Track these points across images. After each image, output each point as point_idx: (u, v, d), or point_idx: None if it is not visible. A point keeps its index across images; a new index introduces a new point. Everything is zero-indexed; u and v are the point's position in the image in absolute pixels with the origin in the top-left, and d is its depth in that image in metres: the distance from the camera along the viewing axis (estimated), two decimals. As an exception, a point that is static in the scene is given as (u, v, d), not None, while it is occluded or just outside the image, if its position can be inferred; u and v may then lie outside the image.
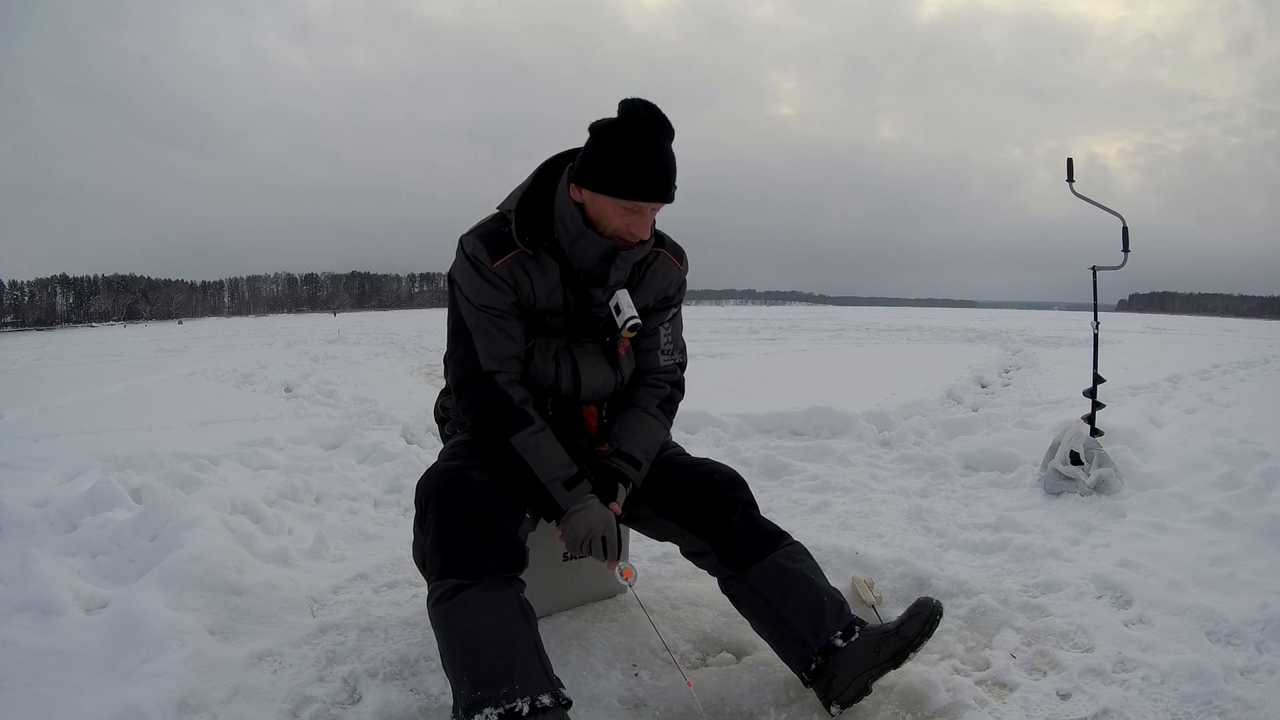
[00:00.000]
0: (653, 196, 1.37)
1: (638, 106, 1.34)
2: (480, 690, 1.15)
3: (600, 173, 1.35)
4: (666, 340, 1.60)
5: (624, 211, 1.37)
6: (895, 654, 1.28)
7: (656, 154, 1.34)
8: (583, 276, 1.46)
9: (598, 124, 1.37)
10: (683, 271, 1.59)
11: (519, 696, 1.14)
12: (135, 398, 6.13)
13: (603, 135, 1.36)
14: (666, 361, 1.60)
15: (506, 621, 1.21)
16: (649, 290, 1.55)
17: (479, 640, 1.19)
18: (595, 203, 1.38)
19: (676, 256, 1.58)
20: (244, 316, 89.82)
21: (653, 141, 1.34)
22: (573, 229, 1.41)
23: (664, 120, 1.35)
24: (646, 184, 1.35)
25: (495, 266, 1.41)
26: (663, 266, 1.55)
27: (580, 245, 1.42)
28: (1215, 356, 9.11)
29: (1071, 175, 2.74)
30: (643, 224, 1.40)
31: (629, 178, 1.34)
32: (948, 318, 31.22)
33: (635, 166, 1.34)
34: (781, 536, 1.44)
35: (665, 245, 1.56)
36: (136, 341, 19.02)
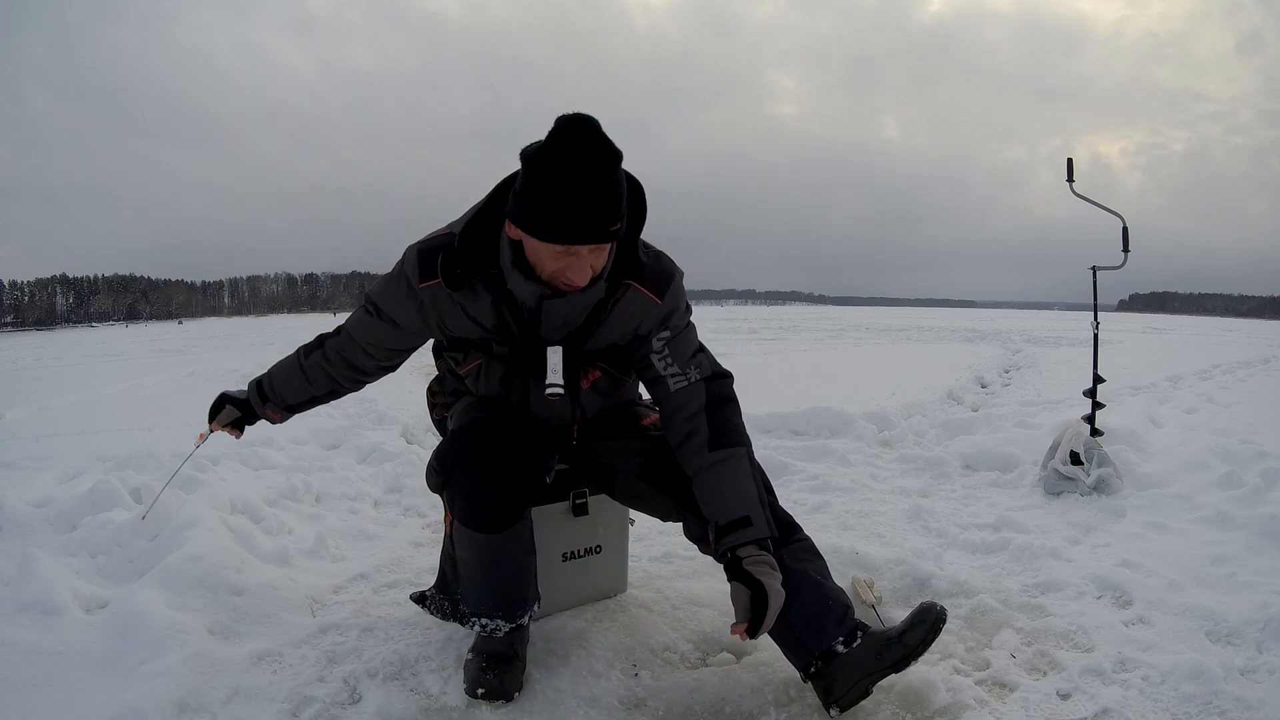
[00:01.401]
0: (584, 238, 1.17)
1: (570, 127, 1.13)
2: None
3: (527, 211, 1.18)
4: (667, 366, 1.39)
5: (557, 255, 1.21)
6: (897, 661, 1.27)
7: (589, 189, 1.13)
8: (526, 314, 1.33)
9: (527, 150, 1.18)
10: (664, 305, 1.37)
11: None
12: (135, 398, 6.13)
13: (530, 167, 1.17)
14: (680, 384, 1.38)
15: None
16: (615, 328, 1.38)
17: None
18: (529, 244, 1.23)
19: (655, 288, 1.36)
20: (244, 316, 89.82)
21: (585, 172, 1.13)
22: (506, 267, 1.29)
23: (601, 143, 1.14)
24: (576, 225, 1.16)
25: (420, 288, 1.36)
26: (633, 302, 1.35)
27: (513, 285, 1.29)
28: (1215, 356, 9.11)
29: (1071, 175, 2.74)
30: (580, 267, 1.22)
31: (556, 217, 1.15)
32: (948, 318, 31.21)
33: (563, 204, 1.14)
34: (793, 529, 1.41)
35: (643, 275, 1.35)
36: (136, 341, 19.01)
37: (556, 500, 1.66)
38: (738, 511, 1.29)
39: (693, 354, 1.41)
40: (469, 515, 1.36)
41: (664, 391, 1.39)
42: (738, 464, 1.33)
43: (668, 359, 1.39)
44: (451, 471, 1.35)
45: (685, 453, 1.37)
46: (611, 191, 1.16)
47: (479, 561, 1.39)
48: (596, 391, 1.46)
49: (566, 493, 1.66)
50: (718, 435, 1.34)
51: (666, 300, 1.38)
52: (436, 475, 1.38)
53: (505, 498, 1.34)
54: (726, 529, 1.29)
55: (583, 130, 1.13)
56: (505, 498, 1.34)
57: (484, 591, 1.41)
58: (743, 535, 1.27)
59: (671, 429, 1.39)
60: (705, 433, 1.34)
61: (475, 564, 1.40)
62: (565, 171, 1.13)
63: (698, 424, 1.35)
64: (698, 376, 1.39)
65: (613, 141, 1.16)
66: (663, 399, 1.40)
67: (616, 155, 1.16)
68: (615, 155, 1.16)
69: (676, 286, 1.40)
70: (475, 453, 1.34)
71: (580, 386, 1.42)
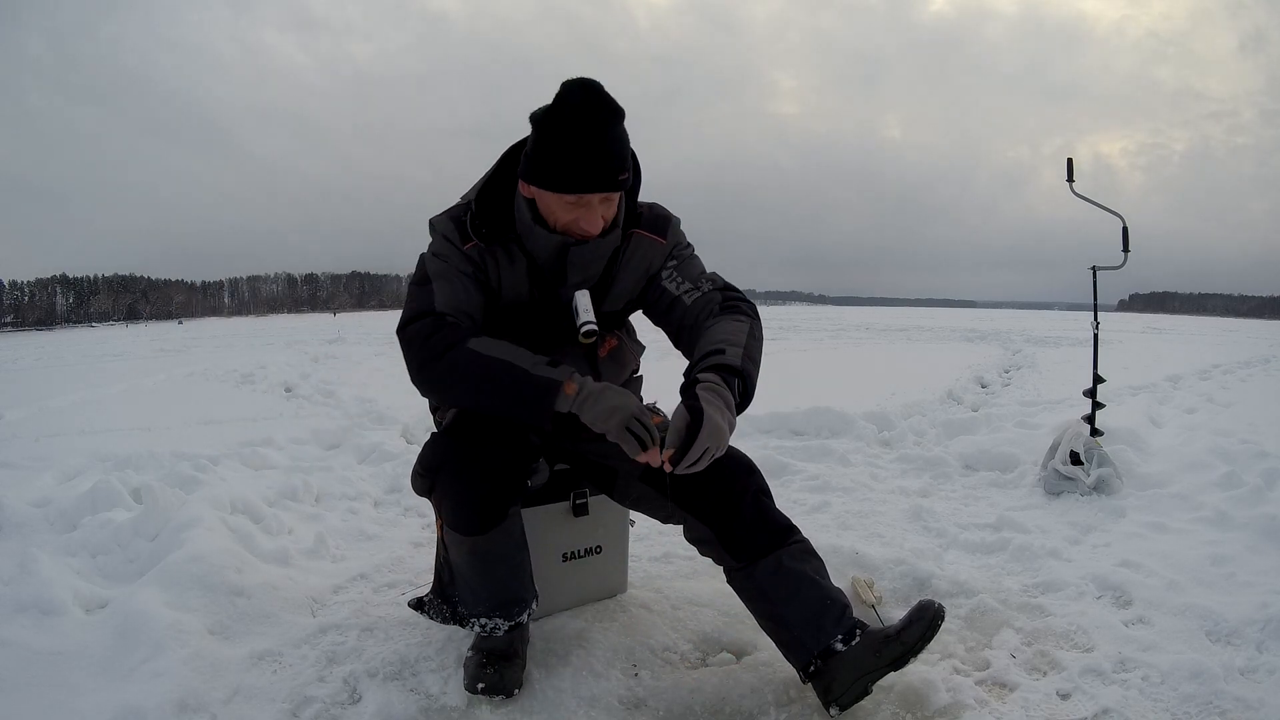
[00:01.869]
0: (594, 186, 1.25)
1: (574, 89, 1.22)
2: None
3: (538, 166, 1.26)
4: (679, 285, 1.42)
5: (569, 206, 1.28)
6: (896, 659, 1.27)
7: (595, 140, 1.22)
8: (546, 274, 1.39)
9: (536, 113, 1.27)
10: (667, 244, 1.45)
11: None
12: (135, 398, 6.13)
13: (539, 125, 1.26)
14: (694, 296, 1.40)
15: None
16: (629, 276, 1.44)
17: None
18: (542, 199, 1.30)
19: (657, 231, 1.45)
20: (244, 316, 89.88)
21: (591, 125, 1.22)
22: (523, 226, 1.34)
23: (603, 100, 1.22)
24: (585, 174, 1.24)
25: (465, 249, 1.37)
26: (640, 247, 1.44)
27: (532, 242, 1.35)
28: (1215, 356, 9.12)
29: (1071, 175, 2.74)
30: (591, 217, 1.29)
31: (566, 169, 1.23)
32: (948, 318, 31.23)
33: (572, 156, 1.22)
34: (791, 531, 1.41)
35: (642, 223, 1.43)
36: (136, 342, 19.02)
37: (556, 500, 1.66)
38: (716, 345, 1.28)
39: (701, 273, 1.46)
40: (455, 518, 1.36)
41: (681, 309, 1.41)
42: (738, 320, 1.35)
43: (678, 280, 1.43)
44: (435, 475, 1.35)
45: (696, 330, 1.37)
46: (617, 143, 1.24)
47: (471, 563, 1.40)
48: (613, 360, 1.50)
49: (566, 493, 1.66)
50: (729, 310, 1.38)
51: (669, 237, 1.46)
52: (422, 480, 1.38)
53: (488, 498, 1.34)
54: (699, 359, 1.27)
55: (586, 89, 1.22)
56: (488, 498, 1.34)
57: (479, 592, 1.41)
58: (708, 361, 1.26)
59: (687, 335, 1.40)
60: (719, 308, 1.38)
61: (467, 566, 1.40)
62: (573, 125, 1.22)
63: (712, 309, 1.38)
64: (710, 288, 1.42)
65: (614, 98, 1.23)
66: (681, 315, 1.41)
67: (619, 110, 1.24)
68: (618, 110, 1.24)
69: (675, 225, 1.48)
70: (456, 455, 1.33)
71: (599, 355, 1.45)
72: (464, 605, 1.44)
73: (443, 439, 1.37)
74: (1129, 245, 2.71)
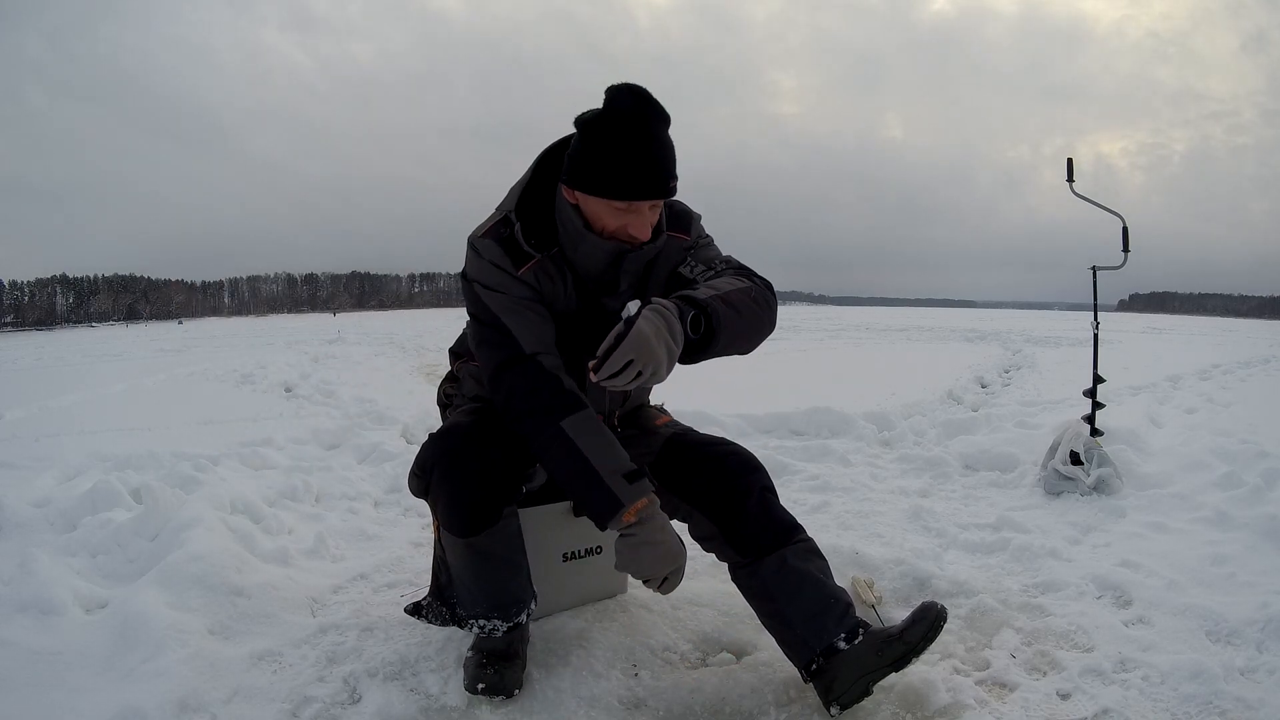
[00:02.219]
0: (647, 194, 1.25)
1: (623, 94, 1.22)
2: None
3: (588, 172, 1.24)
4: (693, 269, 1.40)
5: (618, 212, 1.26)
6: (898, 659, 1.27)
7: (647, 146, 1.22)
8: (591, 284, 1.36)
9: (583, 117, 1.25)
10: (690, 239, 1.44)
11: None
12: (135, 398, 6.13)
13: (587, 130, 1.24)
14: (709, 277, 1.38)
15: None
16: (661, 275, 1.43)
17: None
18: (589, 205, 1.28)
19: (681, 228, 1.44)
20: (244, 316, 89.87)
21: (642, 132, 1.22)
22: (574, 234, 1.31)
23: (654, 106, 1.22)
24: (638, 181, 1.23)
25: (520, 274, 1.32)
26: (670, 247, 1.42)
27: (584, 251, 1.32)
28: (1215, 356, 9.12)
29: (1071, 175, 2.74)
30: (641, 223, 1.28)
31: (618, 176, 1.22)
32: (948, 318, 31.23)
33: (624, 162, 1.21)
34: (795, 530, 1.41)
35: (669, 224, 1.42)
36: (136, 341, 19.02)
37: (557, 500, 1.65)
38: (694, 289, 1.28)
39: (717, 256, 1.46)
40: (449, 519, 1.36)
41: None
42: (737, 279, 1.34)
43: (693, 265, 1.43)
44: (430, 476, 1.35)
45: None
46: (668, 149, 1.25)
47: (467, 564, 1.39)
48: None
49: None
50: (740, 273, 1.38)
51: (692, 233, 1.46)
52: (418, 480, 1.38)
53: (482, 499, 1.33)
54: (682, 297, 1.25)
55: (637, 95, 1.22)
56: (482, 499, 1.33)
57: (477, 593, 1.41)
58: (676, 294, 1.25)
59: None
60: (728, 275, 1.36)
61: (464, 567, 1.40)
62: (625, 132, 1.21)
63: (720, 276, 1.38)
64: (723, 267, 1.42)
65: (662, 105, 1.24)
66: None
67: (668, 118, 1.25)
68: (667, 117, 1.25)
69: (696, 221, 1.48)
70: (450, 456, 1.34)
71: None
72: (462, 606, 1.44)
73: (437, 440, 1.37)
74: (1129, 245, 2.71)
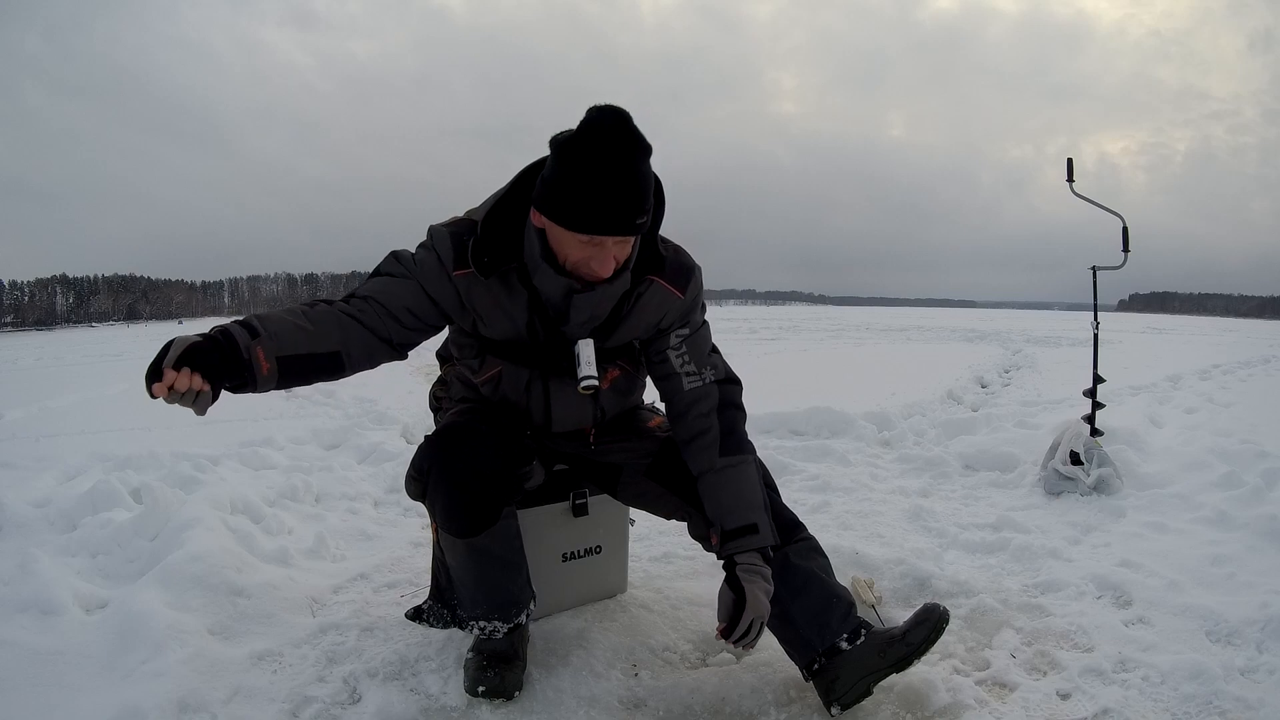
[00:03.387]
0: (610, 229, 1.16)
1: (603, 116, 1.13)
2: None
3: (554, 198, 1.17)
4: (684, 364, 1.39)
5: (581, 244, 1.19)
6: (899, 660, 1.27)
7: (619, 178, 1.13)
8: (550, 311, 1.31)
9: (558, 138, 1.18)
10: (685, 300, 1.37)
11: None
12: (135, 398, 6.13)
13: (560, 154, 1.16)
14: (694, 384, 1.38)
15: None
16: (639, 323, 1.37)
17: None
18: (554, 232, 1.21)
19: (678, 283, 1.35)
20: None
21: (616, 162, 1.13)
22: (532, 258, 1.26)
23: (633, 135, 1.13)
24: (603, 214, 1.14)
25: (455, 275, 1.29)
26: (656, 296, 1.35)
27: (539, 279, 1.27)
28: (1215, 356, 9.11)
29: (1071, 175, 2.74)
30: (604, 258, 1.20)
31: (584, 207, 1.14)
32: (948, 318, 31.23)
33: (592, 193, 1.13)
34: (798, 528, 1.41)
35: (664, 270, 1.34)
36: (137, 342, 19.02)
37: (556, 500, 1.66)
38: (746, 519, 1.31)
39: (708, 353, 1.43)
40: (446, 520, 1.35)
41: (676, 387, 1.40)
42: (746, 470, 1.35)
43: (685, 356, 1.39)
44: (427, 478, 1.34)
45: (694, 450, 1.38)
46: (640, 184, 1.16)
47: (466, 565, 1.39)
48: (615, 391, 1.46)
49: (566, 493, 1.66)
50: (727, 438, 1.36)
51: (688, 294, 1.38)
52: (415, 483, 1.37)
53: (479, 500, 1.33)
54: (732, 534, 1.31)
55: (615, 121, 1.13)
56: (479, 500, 1.33)
57: (476, 595, 1.41)
58: (747, 543, 1.30)
59: (682, 425, 1.40)
60: (716, 434, 1.36)
61: (462, 568, 1.40)
62: (596, 160, 1.13)
63: (709, 424, 1.37)
64: (712, 378, 1.40)
65: (643, 135, 1.15)
66: (674, 394, 1.41)
67: (647, 148, 1.16)
68: (646, 148, 1.16)
69: (697, 280, 1.40)
70: (447, 458, 1.33)
71: (600, 387, 1.38)
72: (462, 608, 1.44)
73: (433, 442, 1.36)
74: (1129, 245, 2.71)
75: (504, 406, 1.44)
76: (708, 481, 1.35)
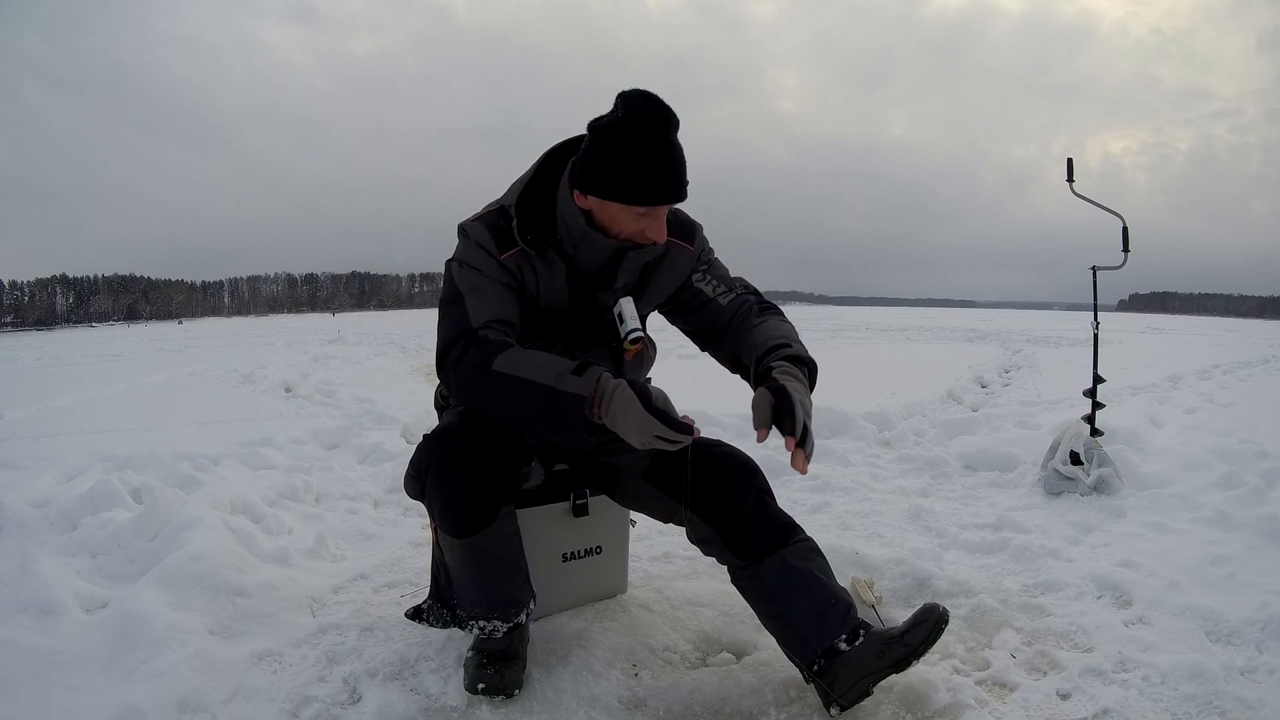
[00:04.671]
0: (667, 199, 1.29)
1: (641, 101, 1.24)
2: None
3: (608, 179, 1.27)
4: (714, 287, 1.48)
5: (637, 217, 1.30)
6: (899, 661, 1.27)
7: (667, 153, 1.26)
8: (588, 280, 1.40)
9: (598, 123, 1.28)
10: (695, 248, 1.49)
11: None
12: (135, 398, 6.14)
13: (605, 136, 1.27)
14: (730, 298, 1.47)
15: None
16: (664, 285, 1.48)
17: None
18: (607, 210, 1.30)
19: (685, 238, 1.48)
20: (244, 316, 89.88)
21: (661, 139, 1.25)
22: (576, 233, 1.35)
23: (669, 113, 1.26)
24: (660, 187, 1.27)
25: (503, 258, 1.35)
26: (673, 255, 1.47)
27: (585, 248, 1.36)
28: (1215, 356, 9.12)
29: (1071, 175, 2.74)
30: (658, 227, 1.33)
31: (640, 183, 1.26)
32: (948, 318, 31.24)
33: (646, 170, 1.25)
34: (794, 530, 1.41)
35: (672, 230, 1.44)
36: (137, 341, 19.03)
37: (557, 500, 1.66)
38: (780, 339, 1.37)
39: (728, 275, 1.53)
40: (444, 520, 1.36)
41: (715, 309, 1.48)
42: (784, 323, 1.43)
43: (712, 282, 1.49)
44: (425, 477, 1.35)
45: (737, 326, 1.44)
46: (682, 154, 1.29)
47: (464, 565, 1.39)
48: (638, 362, 1.52)
49: (566, 493, 1.66)
50: (766, 310, 1.46)
51: (695, 244, 1.50)
52: (413, 483, 1.38)
53: (476, 499, 1.33)
54: (766, 354, 1.34)
55: (654, 102, 1.24)
56: (476, 499, 1.33)
57: (475, 594, 1.41)
58: (779, 353, 1.33)
59: (729, 334, 1.45)
60: (757, 310, 1.46)
61: (461, 567, 1.40)
62: (646, 139, 1.24)
63: (750, 310, 1.46)
64: (743, 291, 1.50)
65: (672, 109, 1.27)
66: (715, 315, 1.48)
67: (678, 121, 1.28)
68: (678, 121, 1.28)
69: (700, 233, 1.52)
70: (445, 457, 1.33)
71: (625, 359, 1.47)
72: (462, 607, 1.44)
73: (431, 441, 1.37)
74: (1129, 245, 2.71)
75: None
76: (750, 333, 1.40)
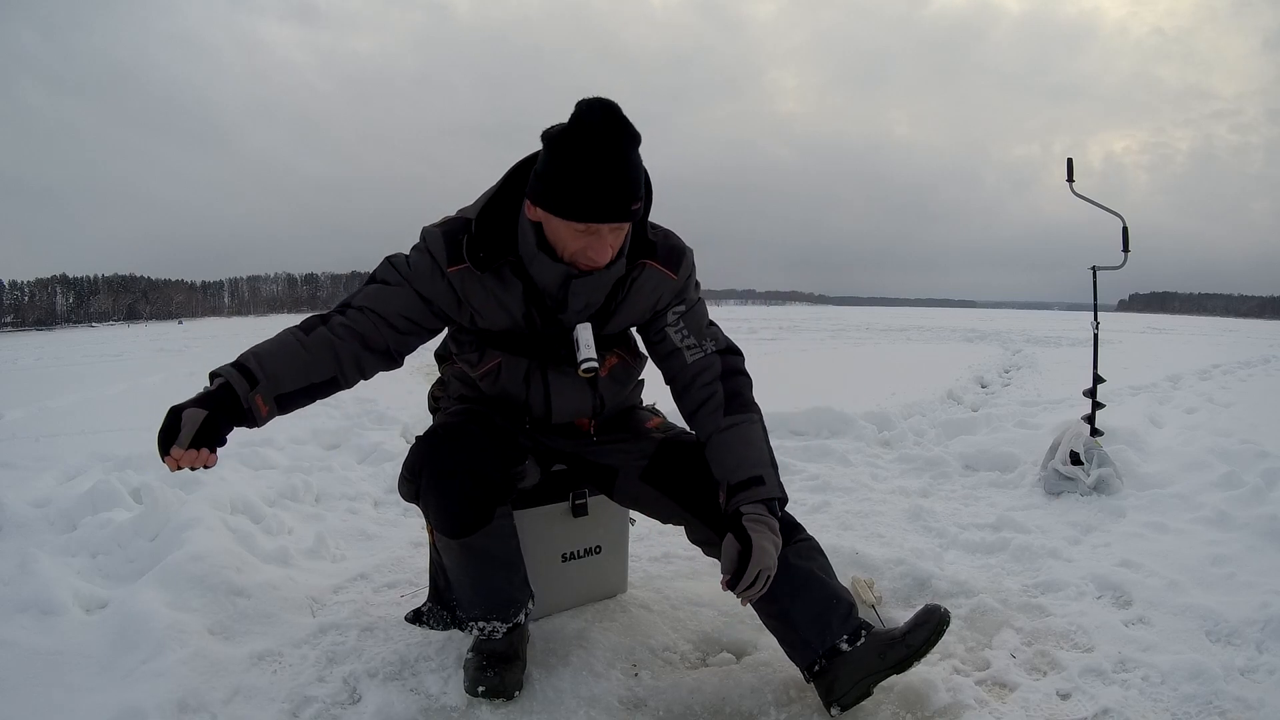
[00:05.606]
0: (606, 216, 1.19)
1: (594, 109, 1.16)
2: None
3: (549, 190, 1.19)
4: (684, 338, 1.42)
5: (578, 234, 1.22)
6: (900, 661, 1.27)
7: (611, 167, 1.16)
8: (548, 300, 1.34)
9: (550, 132, 1.20)
10: (679, 280, 1.41)
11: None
12: (135, 398, 6.13)
13: (553, 146, 1.19)
14: (696, 356, 1.42)
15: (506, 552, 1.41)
16: (635, 307, 1.40)
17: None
18: (550, 224, 1.24)
19: (670, 264, 1.39)
20: (244, 316, 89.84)
21: (607, 151, 1.16)
22: (528, 250, 1.29)
23: (623, 125, 1.17)
24: (598, 202, 1.18)
25: (449, 271, 1.32)
26: (650, 280, 1.39)
27: (536, 269, 1.30)
28: (1215, 356, 9.12)
29: (1071, 175, 2.74)
30: (600, 246, 1.24)
31: (580, 196, 1.17)
32: (948, 318, 31.24)
33: (586, 182, 1.16)
34: (796, 529, 1.41)
35: (656, 254, 1.38)
36: (137, 341, 19.02)
37: (556, 501, 1.66)
38: (751, 471, 1.32)
39: (706, 326, 1.46)
40: (440, 521, 1.36)
41: (680, 363, 1.43)
42: (752, 428, 1.37)
43: (683, 331, 1.43)
44: (419, 479, 1.35)
45: (701, 417, 1.40)
46: (633, 171, 1.19)
47: (462, 566, 1.39)
48: (614, 380, 1.48)
49: (566, 493, 1.66)
50: (732, 400, 1.39)
51: (680, 274, 1.42)
52: (408, 485, 1.38)
53: (471, 500, 1.33)
54: (739, 487, 1.31)
55: (605, 112, 1.16)
56: (471, 500, 1.33)
57: (473, 595, 1.41)
58: (753, 494, 1.30)
59: (688, 398, 1.42)
60: (721, 398, 1.39)
61: (458, 568, 1.40)
62: (588, 151, 1.16)
63: (714, 390, 1.40)
64: (713, 349, 1.44)
65: (632, 123, 1.19)
66: (678, 370, 1.43)
67: (636, 136, 1.19)
68: (635, 136, 1.19)
69: (688, 261, 1.44)
70: (439, 458, 1.33)
71: (599, 374, 1.42)
72: (461, 609, 1.44)
73: (424, 442, 1.37)
74: (1129, 245, 2.71)
75: (503, 401, 1.44)
76: (714, 442, 1.37)
